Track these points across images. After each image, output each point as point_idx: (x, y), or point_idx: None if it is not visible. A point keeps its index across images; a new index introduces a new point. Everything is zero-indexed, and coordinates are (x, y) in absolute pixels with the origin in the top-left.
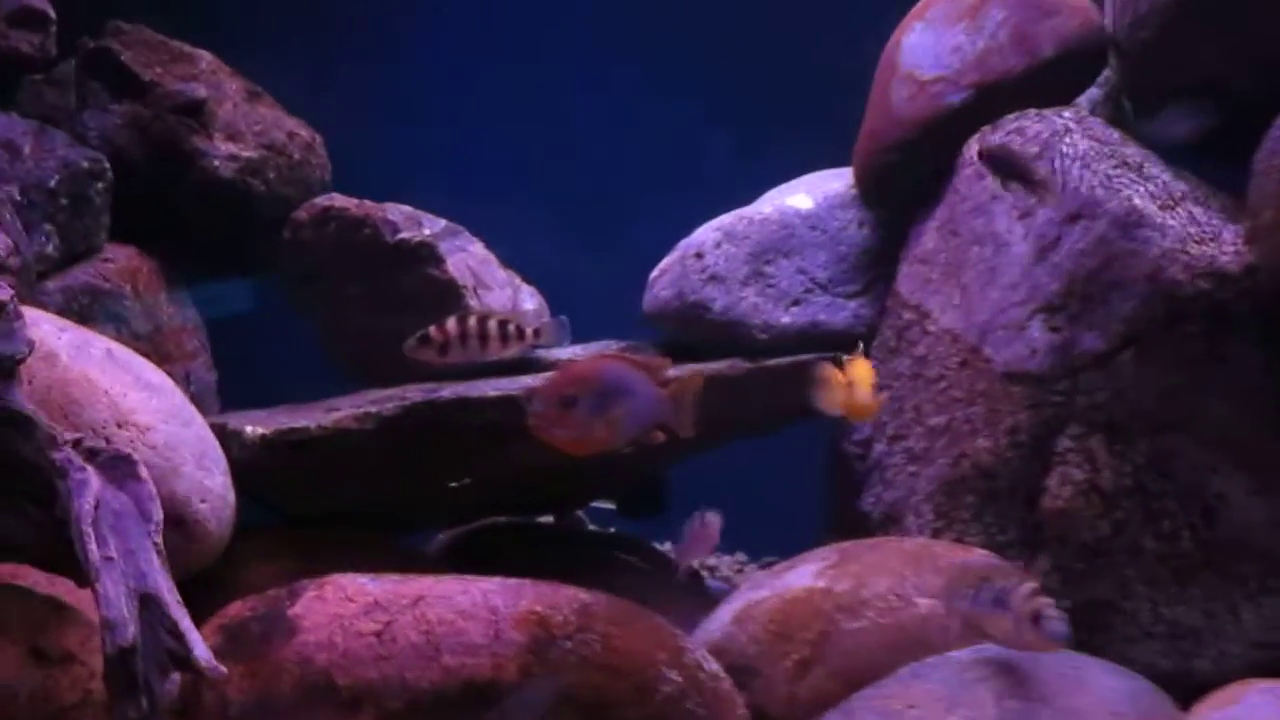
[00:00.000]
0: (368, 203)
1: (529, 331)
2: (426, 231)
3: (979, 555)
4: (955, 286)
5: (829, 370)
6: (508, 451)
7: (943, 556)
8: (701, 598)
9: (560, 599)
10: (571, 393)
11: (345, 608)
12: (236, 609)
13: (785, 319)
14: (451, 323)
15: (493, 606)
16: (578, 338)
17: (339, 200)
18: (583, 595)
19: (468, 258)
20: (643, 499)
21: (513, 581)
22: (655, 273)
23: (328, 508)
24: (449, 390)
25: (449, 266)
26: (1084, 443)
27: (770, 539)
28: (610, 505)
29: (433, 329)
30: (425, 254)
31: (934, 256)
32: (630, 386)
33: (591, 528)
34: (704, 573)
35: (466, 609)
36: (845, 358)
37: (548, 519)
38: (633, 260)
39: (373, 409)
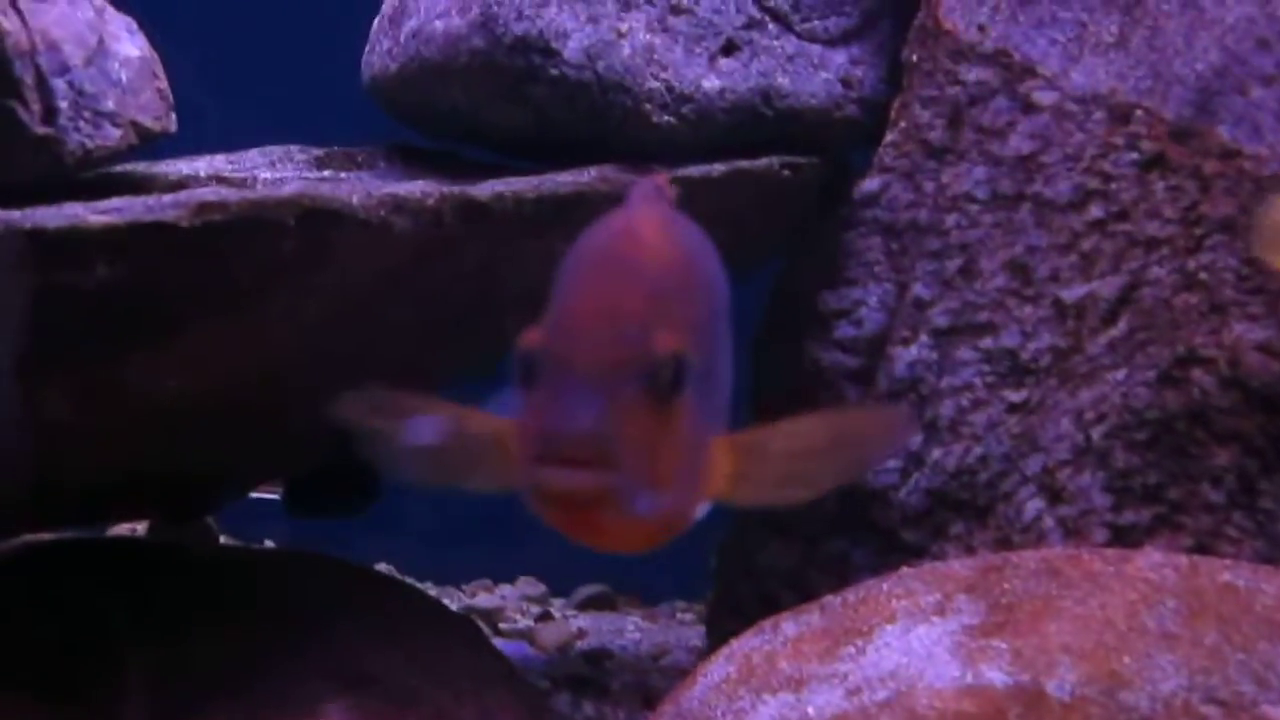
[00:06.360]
0: None
1: None
2: None
3: None
4: (1105, 8)
5: None
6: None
7: (1259, 594)
8: (504, 676)
9: None
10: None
11: None
12: None
13: (710, 81)
14: None
15: None
16: (201, 137)
17: None
18: None
19: None
20: (339, 482)
21: None
22: None
23: None
24: None
25: None
26: None
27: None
28: (274, 494)
29: None
30: None
31: None
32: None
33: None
34: (480, 624)
35: None
36: None
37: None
38: None
39: None
